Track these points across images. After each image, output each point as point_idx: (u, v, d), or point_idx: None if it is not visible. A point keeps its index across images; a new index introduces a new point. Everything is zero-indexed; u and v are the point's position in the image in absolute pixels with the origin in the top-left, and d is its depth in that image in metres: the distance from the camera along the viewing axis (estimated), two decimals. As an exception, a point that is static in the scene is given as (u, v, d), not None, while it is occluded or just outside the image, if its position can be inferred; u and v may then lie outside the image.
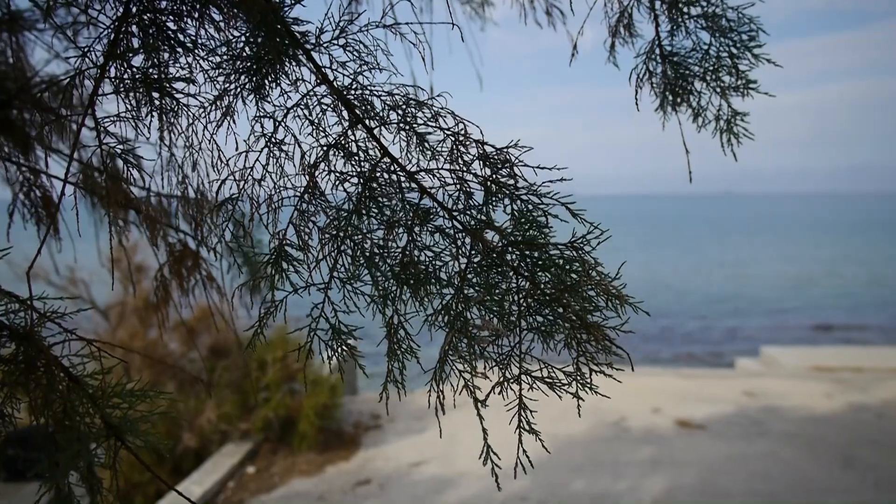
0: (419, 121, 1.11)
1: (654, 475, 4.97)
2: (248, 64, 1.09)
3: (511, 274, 1.06)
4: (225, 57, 1.10)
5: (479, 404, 1.06)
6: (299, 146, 1.14)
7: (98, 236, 2.25)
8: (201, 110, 1.12)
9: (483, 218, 1.08)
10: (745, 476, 4.89)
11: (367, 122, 1.12)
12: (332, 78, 1.12)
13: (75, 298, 5.35)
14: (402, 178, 1.11)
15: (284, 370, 5.86)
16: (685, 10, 1.55)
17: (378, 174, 1.11)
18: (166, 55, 1.10)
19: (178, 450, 5.56)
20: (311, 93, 1.13)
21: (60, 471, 1.11)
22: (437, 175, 1.10)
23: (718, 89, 1.58)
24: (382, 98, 1.13)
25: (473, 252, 1.07)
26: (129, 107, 1.09)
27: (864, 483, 4.74)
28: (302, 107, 1.13)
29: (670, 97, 1.64)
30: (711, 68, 1.56)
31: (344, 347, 1.07)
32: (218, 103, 1.11)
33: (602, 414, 6.24)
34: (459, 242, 1.08)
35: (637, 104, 1.60)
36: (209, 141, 1.15)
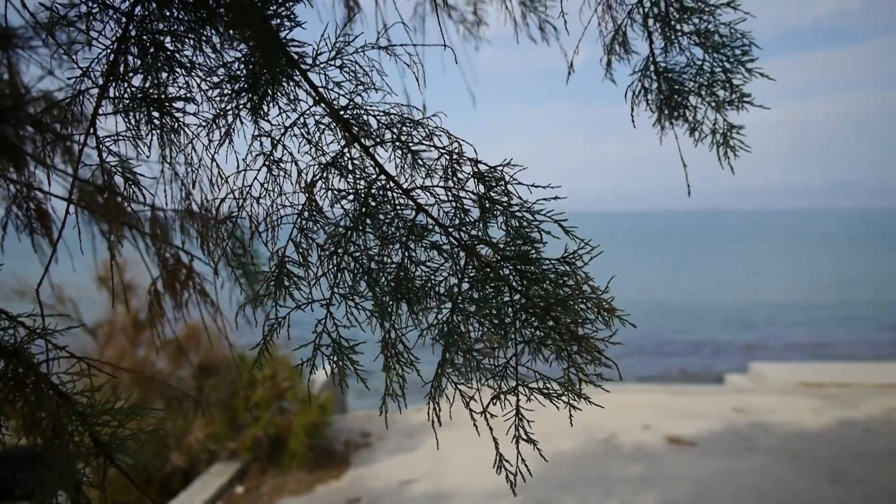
0: (414, 139, 1.14)
1: (644, 492, 4.96)
2: (246, 84, 1.11)
3: (505, 288, 1.08)
4: (223, 77, 1.12)
5: (480, 415, 1.07)
6: (297, 164, 1.16)
7: (95, 253, 2.24)
8: (200, 129, 1.14)
9: (477, 234, 1.10)
10: (734, 491, 4.91)
11: (363, 140, 1.14)
12: (328, 98, 1.14)
13: (63, 316, 5.31)
14: (398, 196, 1.13)
15: (274, 388, 5.82)
16: (678, 26, 1.58)
17: (374, 191, 1.13)
18: (165, 75, 1.12)
19: (167, 469, 5.50)
20: (309, 112, 1.15)
21: (48, 490, 1.10)
22: (433, 192, 1.12)
23: (713, 104, 1.60)
24: (378, 117, 1.15)
25: (468, 267, 1.09)
26: (128, 125, 1.10)
27: (851, 497, 4.77)
28: (299, 126, 1.15)
29: (667, 112, 1.66)
30: (706, 83, 1.59)
31: (347, 362, 1.08)
32: (217, 122, 1.13)
33: (592, 431, 6.24)
34: (455, 258, 1.10)
35: (633, 120, 1.62)
36: (209, 160, 1.16)
